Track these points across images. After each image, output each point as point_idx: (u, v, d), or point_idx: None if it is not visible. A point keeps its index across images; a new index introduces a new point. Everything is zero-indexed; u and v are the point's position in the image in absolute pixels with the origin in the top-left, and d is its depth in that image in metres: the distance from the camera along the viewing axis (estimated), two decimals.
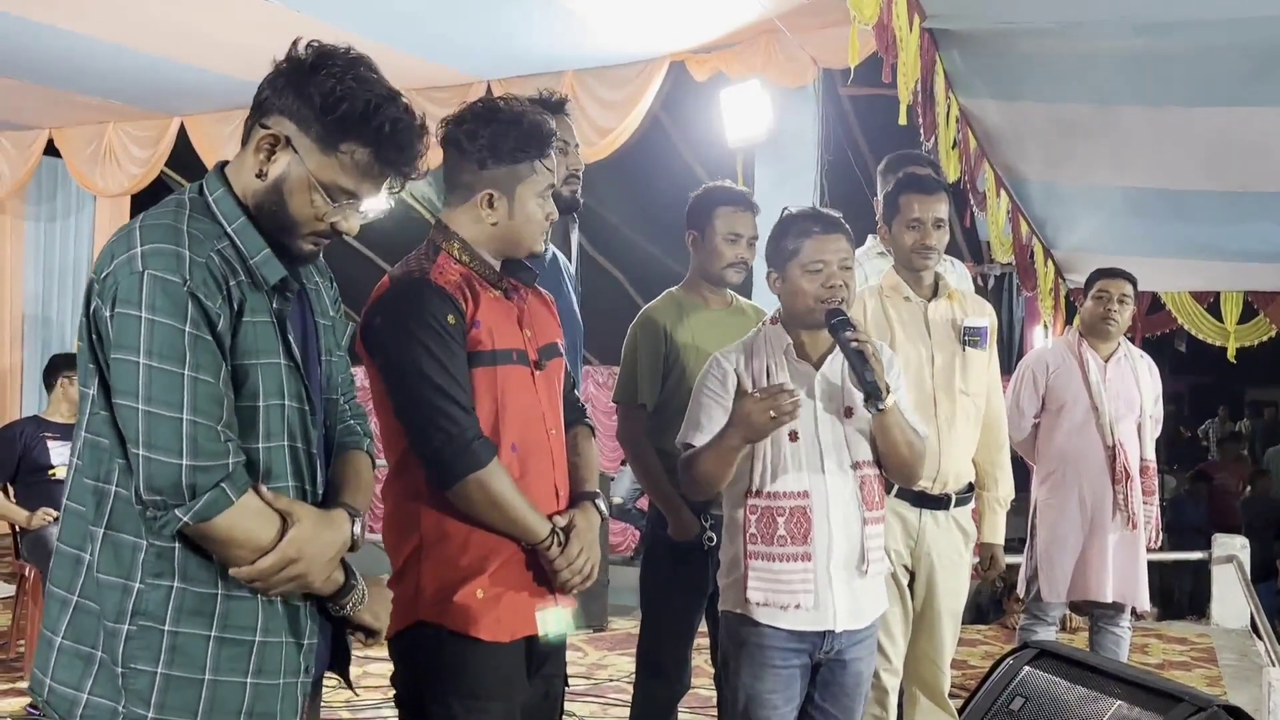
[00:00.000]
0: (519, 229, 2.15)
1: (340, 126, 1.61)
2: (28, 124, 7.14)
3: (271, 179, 1.64)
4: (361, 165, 1.64)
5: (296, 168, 1.63)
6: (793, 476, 2.45)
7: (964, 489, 3.19)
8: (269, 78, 1.65)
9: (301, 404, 1.69)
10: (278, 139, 1.63)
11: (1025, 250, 7.15)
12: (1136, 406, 4.09)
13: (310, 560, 1.63)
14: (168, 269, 1.53)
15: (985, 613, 6.63)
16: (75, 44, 5.29)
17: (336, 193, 1.65)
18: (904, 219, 3.15)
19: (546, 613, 2.09)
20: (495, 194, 2.12)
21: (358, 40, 1.78)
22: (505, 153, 2.09)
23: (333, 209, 1.66)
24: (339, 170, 1.63)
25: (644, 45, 5.46)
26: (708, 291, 3.22)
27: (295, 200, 1.64)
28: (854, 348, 2.36)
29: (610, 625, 5.58)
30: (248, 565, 1.58)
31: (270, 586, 1.62)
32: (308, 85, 1.61)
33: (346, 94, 1.60)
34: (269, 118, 1.64)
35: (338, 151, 1.63)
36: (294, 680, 1.69)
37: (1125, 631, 4.18)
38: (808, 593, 2.43)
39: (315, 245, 1.70)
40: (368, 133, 1.62)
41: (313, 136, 1.62)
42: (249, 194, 1.66)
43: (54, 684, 1.61)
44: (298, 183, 1.63)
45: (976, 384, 3.19)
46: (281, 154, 1.63)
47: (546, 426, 2.18)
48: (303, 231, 1.67)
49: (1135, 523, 4.00)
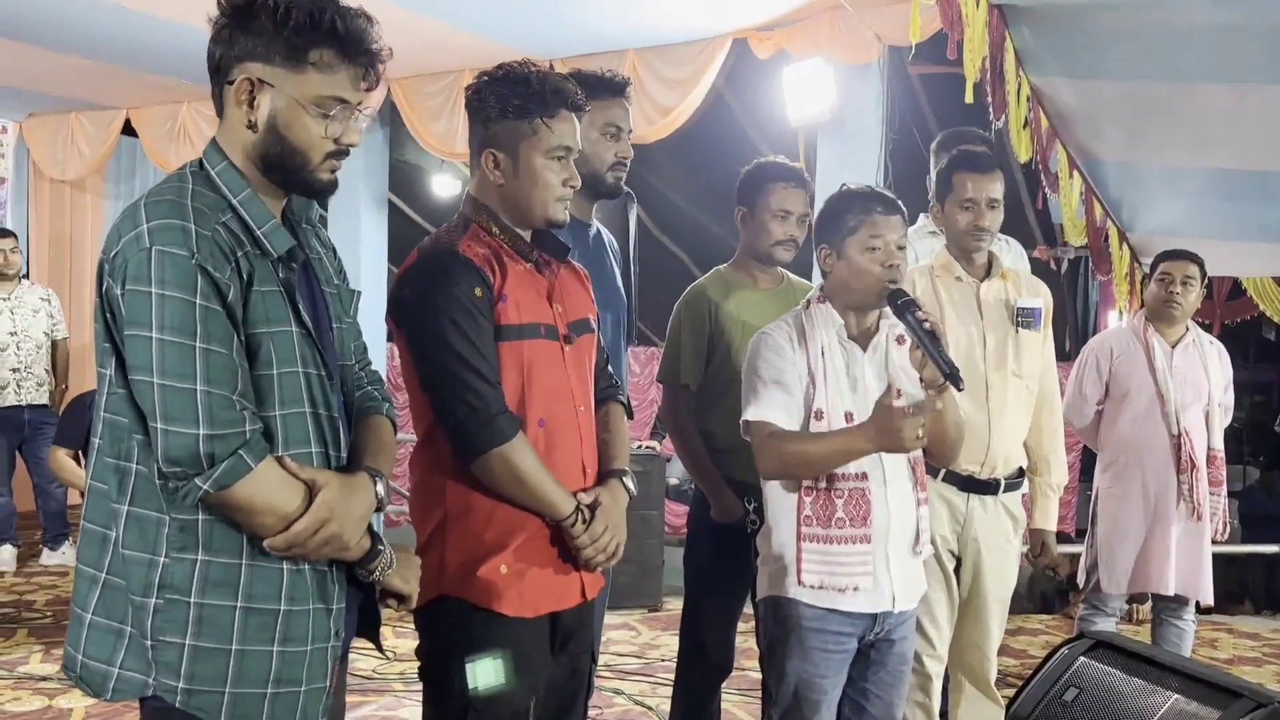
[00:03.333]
0: (525, 191, 2.11)
1: (299, 37, 1.62)
2: (106, 104, 7.30)
3: (263, 123, 1.65)
4: (333, 66, 1.65)
5: (280, 99, 1.64)
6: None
7: (1014, 474, 3.12)
8: (211, 39, 1.66)
9: (319, 369, 1.70)
10: (252, 83, 1.64)
11: (1100, 233, 6.95)
12: (1204, 394, 3.96)
13: (342, 519, 1.65)
14: (174, 243, 1.55)
15: (1050, 602, 6.49)
16: (149, 25, 5.39)
17: (326, 104, 1.66)
18: (957, 198, 3.07)
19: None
20: (499, 153, 2.10)
21: (419, 18, 1.77)
22: (508, 110, 2.08)
23: (331, 123, 1.67)
24: (318, 81, 1.65)
25: (706, 23, 5.40)
26: (756, 270, 3.17)
27: (294, 131, 1.66)
28: (926, 328, 2.31)
29: (665, 605, 5.57)
30: (282, 533, 1.60)
31: (308, 552, 1.64)
32: (252, 20, 1.62)
33: (289, 6, 1.61)
34: (231, 72, 1.65)
35: (307, 64, 1.64)
36: (323, 646, 1.70)
37: (1189, 625, 4.06)
38: (866, 574, 2.41)
39: (332, 171, 1.71)
40: (323, 33, 1.64)
41: (279, 63, 1.63)
42: (249, 152, 1.67)
43: (85, 659, 1.64)
44: (289, 112, 1.65)
45: (1029, 366, 3.11)
46: (261, 95, 1.64)
47: (575, 403, 2.16)
48: (315, 159, 1.68)
49: (1200, 514, 3.88)
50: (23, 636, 4.88)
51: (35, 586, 5.83)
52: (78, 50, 6.02)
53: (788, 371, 2.43)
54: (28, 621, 5.13)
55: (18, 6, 5.24)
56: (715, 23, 5.40)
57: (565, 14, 5.30)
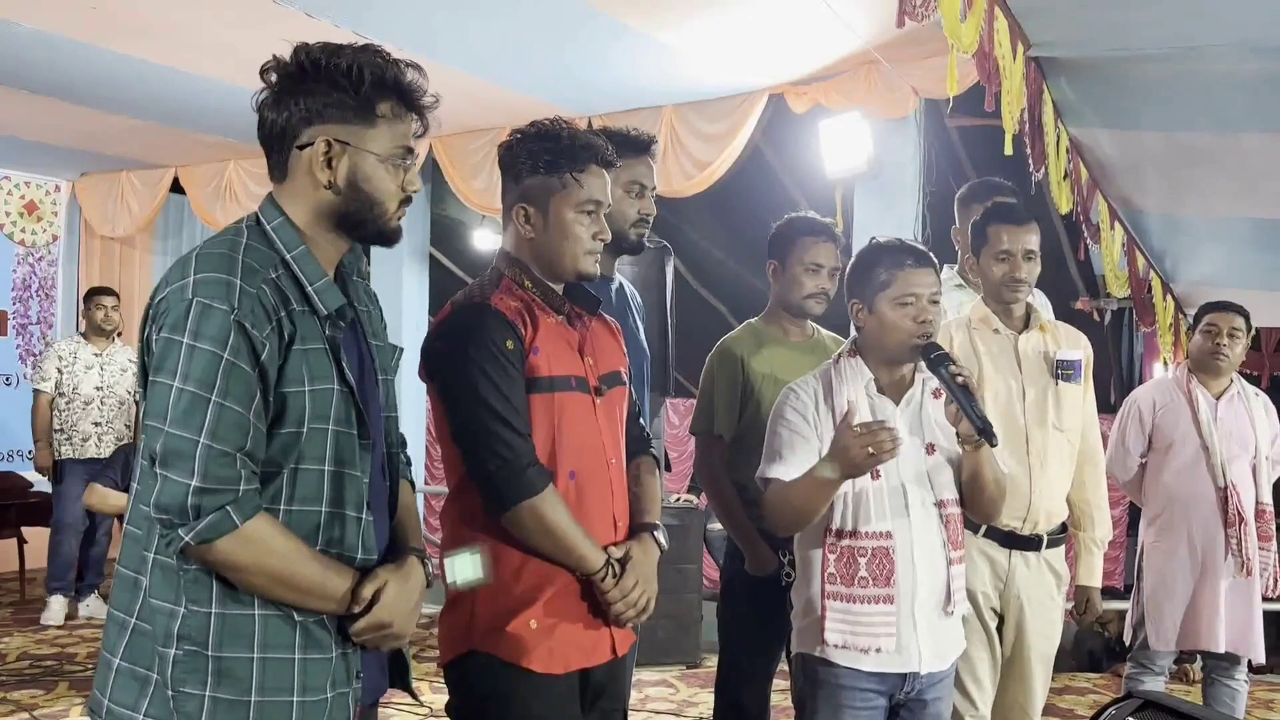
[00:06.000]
0: (556, 244, 2.13)
1: (369, 93, 1.66)
2: (155, 163, 7.48)
3: (344, 183, 1.68)
4: (400, 117, 1.70)
5: (359, 156, 1.68)
6: (875, 516, 2.38)
7: (1057, 529, 3.05)
8: (266, 107, 1.68)
9: (349, 428, 1.69)
10: (330, 144, 1.66)
11: (1142, 284, 6.89)
12: (1251, 446, 3.88)
13: (401, 619, 1.71)
14: (216, 297, 1.57)
15: (1098, 660, 6.35)
16: (199, 86, 5.53)
17: (399, 155, 1.71)
18: (993, 250, 3.05)
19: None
20: (529, 208, 2.13)
21: (462, 77, 1.76)
22: (539, 165, 2.10)
23: (401, 172, 1.71)
24: (388, 134, 1.69)
25: (742, 79, 5.45)
26: (787, 323, 3.17)
27: (374, 184, 1.69)
28: (960, 383, 2.29)
29: (704, 662, 5.51)
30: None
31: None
32: (320, 81, 1.65)
33: (354, 64, 1.65)
34: (302, 135, 1.67)
35: (376, 118, 1.68)
36: (345, 691, 1.70)
37: (1242, 685, 3.95)
38: (889, 636, 2.36)
39: (400, 219, 1.76)
40: (388, 86, 1.68)
41: (352, 120, 1.67)
42: (321, 210, 1.70)
43: (111, 704, 1.64)
44: (371, 168, 1.69)
45: (1071, 419, 3.06)
46: (339, 156, 1.67)
47: (606, 456, 2.16)
48: (390, 209, 1.72)
49: (1250, 569, 3.79)
50: (63, 690, 4.91)
51: (77, 639, 5.87)
52: (129, 111, 6.19)
53: (806, 429, 2.41)
54: (69, 674, 5.16)
55: (72, 70, 5.40)
56: (752, 78, 5.45)
57: (604, 71, 5.37)
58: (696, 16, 4.69)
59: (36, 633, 6.00)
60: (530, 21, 4.73)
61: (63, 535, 6.20)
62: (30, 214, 8.07)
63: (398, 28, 4.66)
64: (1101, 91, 4.97)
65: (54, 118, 6.30)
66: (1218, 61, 4.43)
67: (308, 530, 1.65)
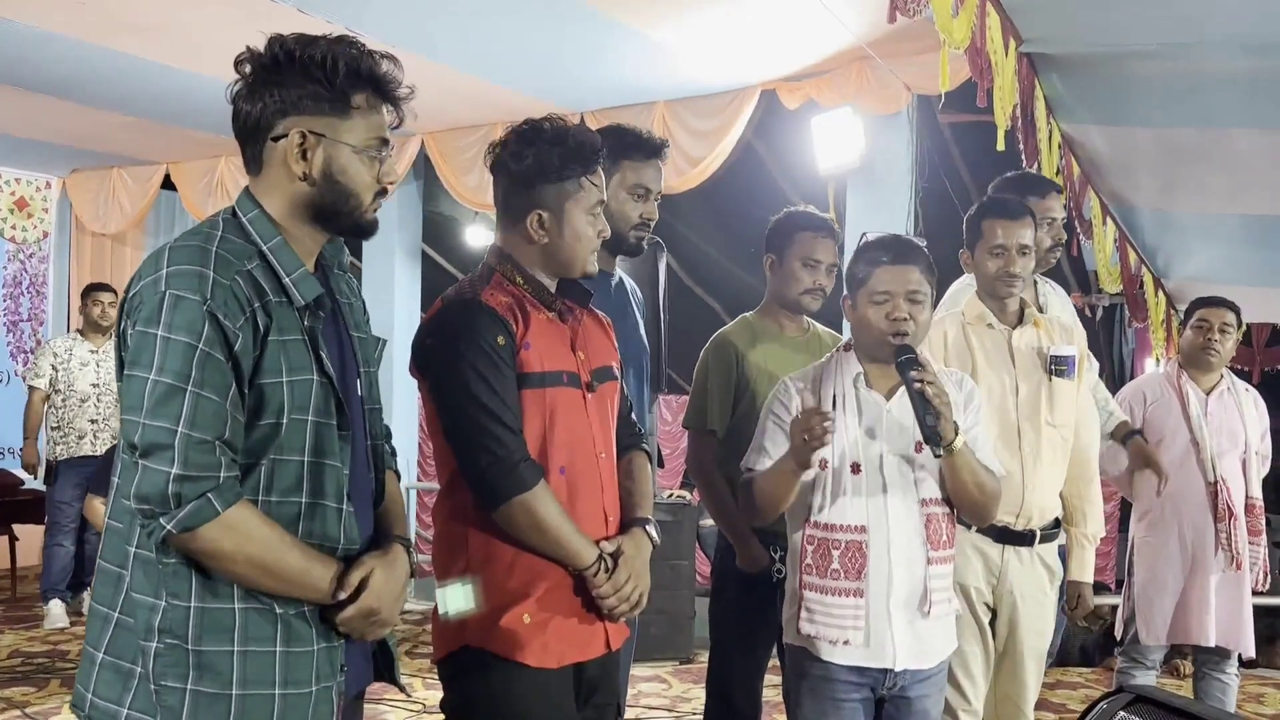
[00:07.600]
0: (569, 247, 2.14)
1: (344, 85, 1.65)
2: (146, 159, 7.46)
3: (319, 174, 1.67)
4: (375, 108, 1.70)
5: (334, 148, 1.67)
6: (851, 509, 2.40)
7: (1050, 525, 3.05)
8: (240, 98, 1.68)
9: (329, 419, 1.68)
10: (305, 136, 1.65)
11: (1134, 280, 6.92)
12: (1241, 442, 3.90)
13: (389, 606, 1.71)
14: (189, 288, 1.56)
15: (1090, 655, 6.36)
16: (190, 82, 5.51)
17: (375, 147, 1.70)
18: (986, 245, 3.04)
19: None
20: (544, 214, 2.12)
21: (453, 73, 1.75)
22: (551, 171, 2.10)
23: (376, 164, 1.71)
24: (363, 125, 1.69)
25: (734, 75, 5.46)
26: (784, 318, 3.16)
27: (349, 176, 1.69)
28: (916, 389, 2.30)
29: (697, 657, 5.51)
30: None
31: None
32: (290, 74, 1.64)
33: (329, 55, 1.64)
34: (276, 127, 1.66)
35: (352, 109, 1.67)
36: (328, 685, 1.69)
37: (1232, 679, 3.97)
38: (857, 629, 2.38)
39: (376, 210, 1.75)
40: (362, 77, 1.67)
41: (327, 112, 1.66)
42: (296, 202, 1.69)
43: (95, 699, 1.64)
44: (346, 160, 1.68)
45: (1064, 415, 3.06)
46: (314, 148, 1.66)
47: (597, 450, 2.16)
48: (366, 201, 1.72)
49: (1239, 563, 3.80)
50: (55, 687, 4.90)
51: (70, 637, 5.86)
52: (120, 107, 6.17)
53: (788, 423, 2.41)
54: (60, 672, 5.15)
55: (64, 66, 5.38)
56: (744, 74, 5.46)
57: (597, 67, 5.37)
58: (689, 13, 4.69)
59: (28, 630, 5.98)
60: (523, 18, 4.73)
61: (57, 541, 6.16)
62: (21, 210, 8.04)
63: (391, 24, 4.65)
64: (1094, 87, 4.99)
65: (45, 114, 6.28)
66: (1209, 58, 4.45)
67: (287, 520, 1.64)
